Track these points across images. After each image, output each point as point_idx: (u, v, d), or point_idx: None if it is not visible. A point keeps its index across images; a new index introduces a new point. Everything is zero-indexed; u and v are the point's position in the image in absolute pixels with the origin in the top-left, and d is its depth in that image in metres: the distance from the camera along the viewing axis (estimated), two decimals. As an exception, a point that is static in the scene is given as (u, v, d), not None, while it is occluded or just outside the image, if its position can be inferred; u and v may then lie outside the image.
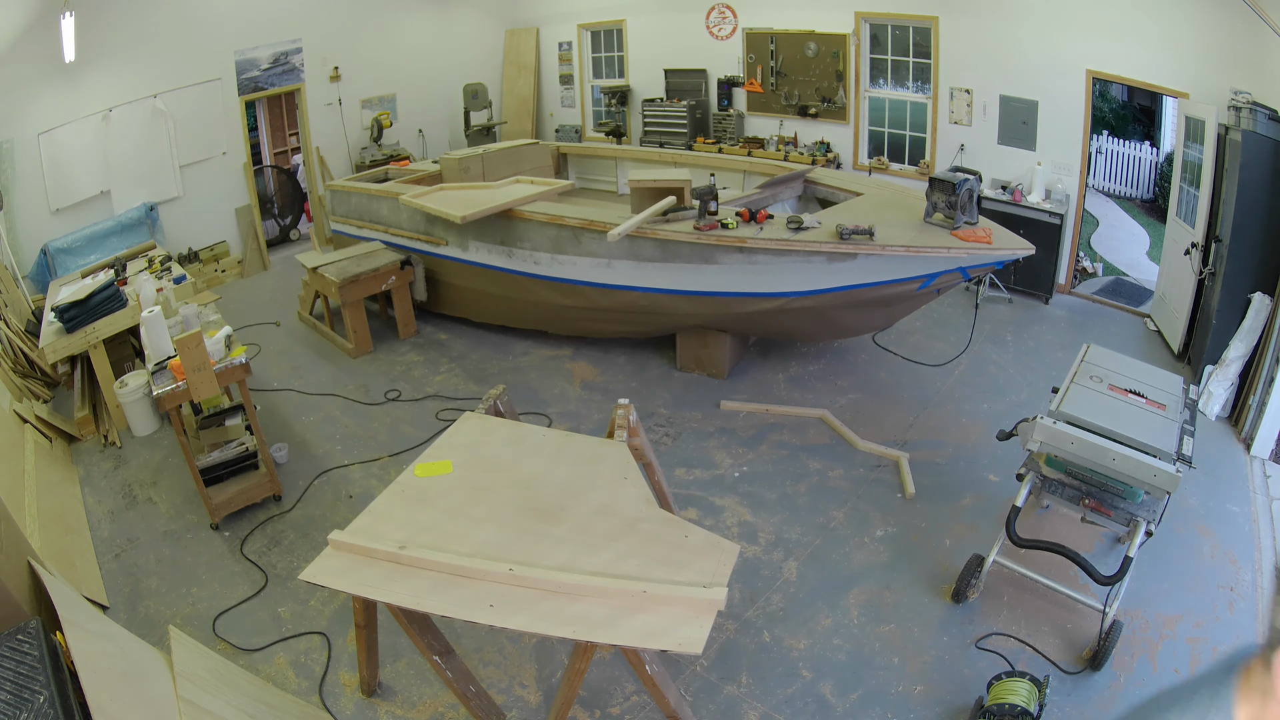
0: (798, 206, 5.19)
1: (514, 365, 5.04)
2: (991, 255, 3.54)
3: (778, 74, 6.99)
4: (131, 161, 6.17)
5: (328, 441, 4.26)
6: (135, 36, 5.93)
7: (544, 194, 4.87)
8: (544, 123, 9.29)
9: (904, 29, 6.23)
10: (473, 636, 2.88)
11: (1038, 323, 5.37)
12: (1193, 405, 2.84)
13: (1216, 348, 4.20)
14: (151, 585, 3.25)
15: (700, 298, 4.22)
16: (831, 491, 3.65)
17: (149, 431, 4.43)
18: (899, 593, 3.04)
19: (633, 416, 2.58)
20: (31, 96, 5.48)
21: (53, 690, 1.72)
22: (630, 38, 8.18)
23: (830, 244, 3.65)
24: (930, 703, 2.55)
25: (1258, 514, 3.41)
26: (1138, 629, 2.79)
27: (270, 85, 7.06)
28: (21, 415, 4.13)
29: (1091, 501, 2.66)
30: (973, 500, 3.55)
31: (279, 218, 7.88)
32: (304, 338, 5.69)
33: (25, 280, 5.60)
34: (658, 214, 4.13)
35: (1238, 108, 4.14)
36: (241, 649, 2.88)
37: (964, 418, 4.22)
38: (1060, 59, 5.26)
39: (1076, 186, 5.50)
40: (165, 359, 3.46)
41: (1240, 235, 4.10)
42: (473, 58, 8.89)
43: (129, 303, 4.44)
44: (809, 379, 4.69)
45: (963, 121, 5.96)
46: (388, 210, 5.53)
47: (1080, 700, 2.53)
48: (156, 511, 3.76)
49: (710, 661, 2.75)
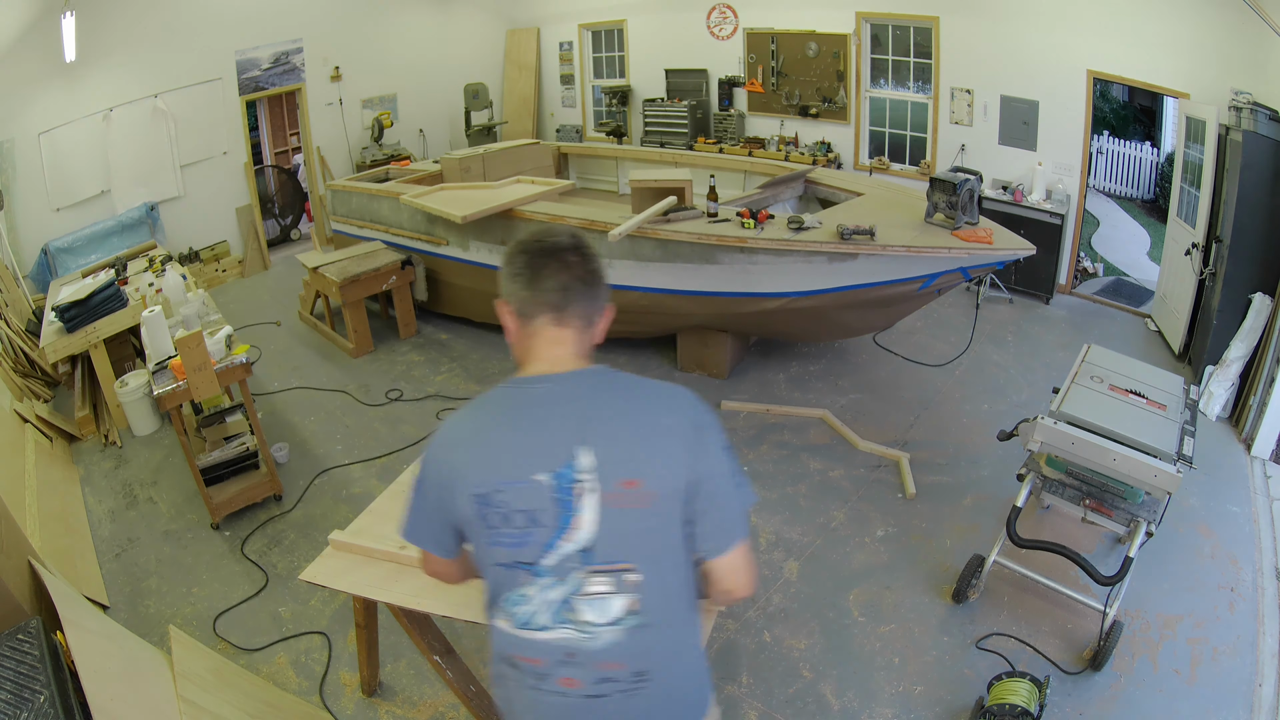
0: (798, 206, 5.19)
1: (514, 365, 5.03)
2: (992, 255, 3.54)
3: (778, 74, 6.99)
4: (132, 161, 6.17)
5: (328, 441, 4.26)
6: (135, 36, 5.93)
7: (545, 194, 4.87)
8: (545, 123, 9.29)
9: (905, 29, 6.23)
10: (473, 636, 2.88)
11: (1038, 323, 5.37)
12: (1193, 405, 2.84)
13: (1217, 348, 4.20)
14: (152, 585, 3.25)
15: (701, 298, 4.22)
16: (832, 491, 3.65)
17: (149, 431, 4.43)
18: (899, 593, 3.04)
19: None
20: (32, 96, 5.48)
21: (53, 690, 1.72)
22: (631, 38, 8.18)
23: (831, 244, 3.65)
24: (930, 703, 2.55)
25: (1258, 514, 3.41)
26: (1138, 629, 2.79)
27: (271, 85, 7.06)
28: (22, 415, 4.13)
29: (1092, 502, 2.66)
30: (973, 500, 3.55)
31: (280, 217, 7.88)
32: (305, 337, 5.69)
33: (26, 280, 5.61)
34: (658, 214, 4.13)
35: (1238, 108, 4.13)
36: (242, 649, 2.88)
37: (965, 418, 4.22)
38: (1061, 59, 5.26)
39: (1077, 187, 5.50)
40: (166, 359, 3.46)
41: (1241, 236, 4.10)
42: (473, 57, 8.89)
43: (129, 302, 4.45)
44: (809, 379, 4.69)
45: (963, 122, 5.96)
46: (388, 210, 5.53)
47: (1081, 700, 2.53)
48: (157, 511, 3.76)
49: (710, 661, 2.74)
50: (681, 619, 1.31)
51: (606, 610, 1.22)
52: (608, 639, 1.23)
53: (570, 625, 1.23)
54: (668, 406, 1.26)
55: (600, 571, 1.21)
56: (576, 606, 1.22)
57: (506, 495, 1.20)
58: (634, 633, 1.24)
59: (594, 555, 1.20)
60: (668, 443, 1.22)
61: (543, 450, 1.20)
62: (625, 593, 1.22)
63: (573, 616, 1.22)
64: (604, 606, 1.22)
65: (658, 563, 1.24)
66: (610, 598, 1.22)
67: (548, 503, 1.19)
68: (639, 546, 1.22)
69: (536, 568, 1.22)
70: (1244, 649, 2.71)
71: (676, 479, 1.21)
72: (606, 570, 1.21)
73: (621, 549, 1.21)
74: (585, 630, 1.23)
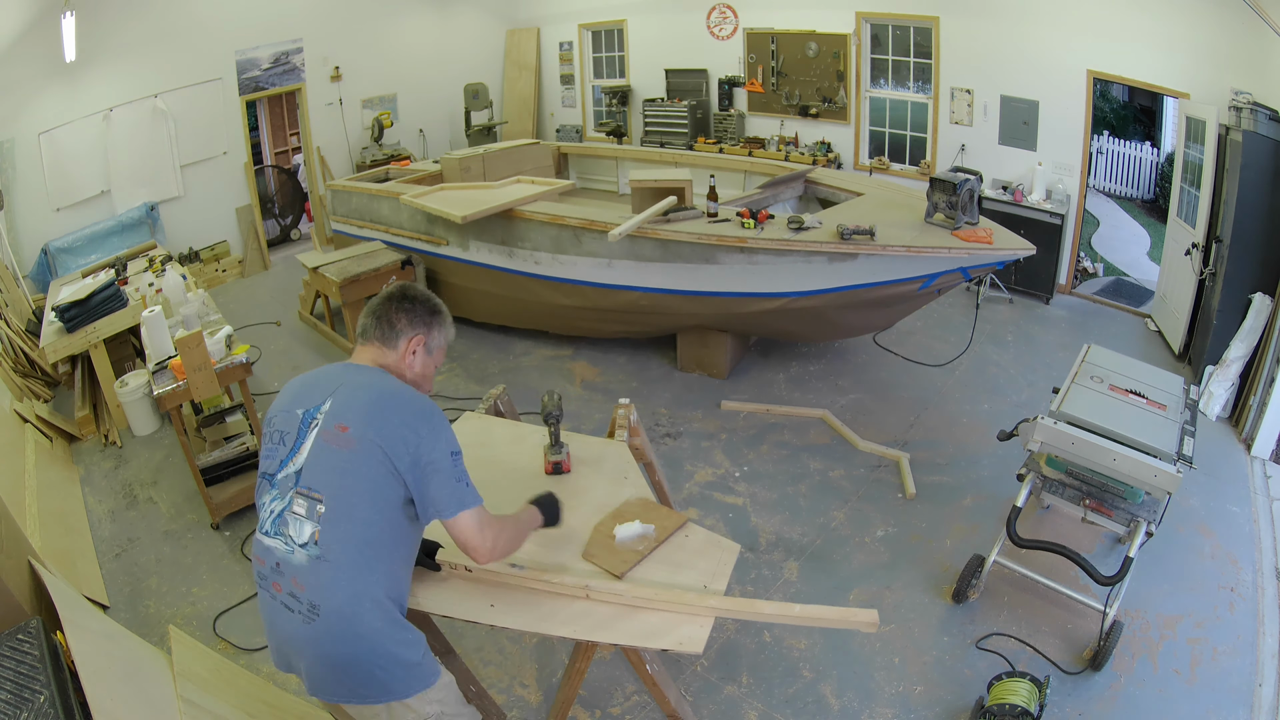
0: (798, 206, 5.19)
1: (514, 365, 5.04)
2: (992, 255, 3.54)
3: (778, 74, 6.99)
4: (132, 161, 6.16)
5: (328, 441, 4.26)
6: (135, 36, 5.93)
7: (545, 194, 4.87)
8: (545, 123, 9.29)
9: (905, 29, 6.23)
10: (473, 636, 2.88)
11: (1038, 323, 5.37)
12: (1193, 406, 2.84)
13: (1217, 348, 4.20)
14: (152, 585, 3.25)
15: (701, 298, 4.22)
16: (832, 491, 3.65)
17: (149, 431, 4.43)
18: (899, 593, 3.04)
19: (633, 416, 2.57)
20: (32, 96, 5.48)
21: (53, 690, 1.72)
22: (631, 38, 8.18)
23: (831, 244, 3.65)
24: (930, 703, 2.55)
25: (1258, 514, 3.41)
26: (1138, 629, 2.79)
27: (271, 85, 7.06)
28: (22, 415, 4.13)
29: (1092, 502, 2.66)
30: (973, 500, 3.55)
31: (280, 217, 7.88)
32: (305, 337, 5.69)
33: (26, 280, 5.61)
34: (658, 214, 4.13)
35: (1238, 108, 4.14)
36: (242, 649, 2.88)
37: (964, 418, 4.22)
38: (1061, 59, 5.26)
39: (1077, 187, 5.50)
40: (166, 358, 3.46)
41: (1241, 235, 4.10)
42: (473, 57, 8.89)
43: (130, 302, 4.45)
44: (809, 379, 4.69)
45: (963, 122, 5.96)
46: (388, 210, 5.53)
47: (1081, 700, 2.53)
48: (157, 511, 3.76)
49: (710, 661, 2.75)
50: (358, 569, 1.49)
51: (301, 531, 1.49)
52: (299, 559, 1.49)
53: (281, 537, 1.51)
54: (412, 402, 1.58)
55: (303, 495, 1.50)
56: (287, 520, 1.51)
57: (276, 420, 1.60)
58: (315, 563, 1.48)
59: (302, 478, 1.51)
60: (390, 416, 1.52)
61: (308, 395, 1.60)
62: (313, 521, 1.48)
63: (283, 530, 1.51)
64: (300, 527, 1.49)
65: (346, 504, 1.49)
66: (304, 521, 1.49)
67: (293, 429, 1.55)
68: (332, 481, 1.50)
69: (273, 479, 1.55)
70: (1244, 649, 2.71)
71: (385, 440, 1.49)
72: (307, 495, 1.50)
73: (320, 479, 1.50)
74: (288, 544, 1.50)
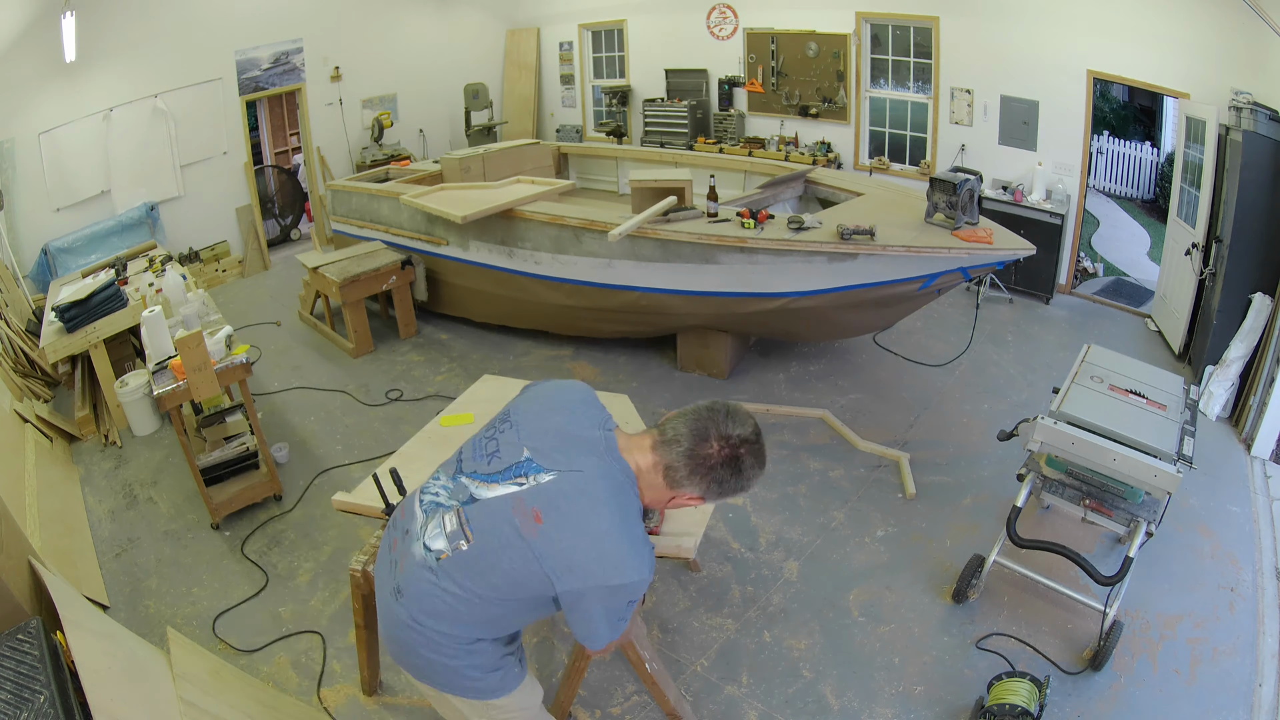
0: (798, 206, 5.19)
1: (515, 365, 5.04)
2: (992, 255, 3.54)
3: (778, 74, 6.99)
4: (132, 161, 6.16)
5: (328, 441, 4.26)
6: (135, 36, 5.93)
7: (545, 194, 4.87)
8: (545, 123, 9.29)
9: (905, 29, 6.23)
10: (473, 636, 2.88)
11: (1038, 323, 5.37)
12: (1193, 406, 2.84)
13: (1217, 348, 4.20)
14: (152, 585, 3.25)
15: (701, 298, 4.22)
16: (832, 491, 3.65)
17: (149, 431, 4.43)
18: (899, 593, 3.04)
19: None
20: (32, 96, 5.48)
21: (53, 690, 1.72)
22: (631, 38, 8.18)
23: (831, 244, 3.65)
24: (930, 703, 2.55)
25: (1258, 514, 3.41)
26: (1138, 629, 2.79)
27: (271, 85, 7.05)
28: (22, 415, 4.13)
29: (1092, 502, 2.66)
30: (973, 500, 3.55)
31: (280, 217, 7.88)
32: (305, 337, 5.69)
33: (26, 280, 5.60)
34: (658, 214, 4.13)
35: (1238, 108, 4.14)
36: (241, 650, 2.88)
37: (964, 418, 4.22)
38: (1061, 59, 5.26)
39: (1077, 187, 5.50)
40: (166, 359, 3.46)
41: (1241, 235, 4.10)
42: (473, 57, 8.89)
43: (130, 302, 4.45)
44: (809, 379, 4.69)
45: (963, 122, 5.96)
46: (388, 210, 5.53)
47: (1081, 700, 2.53)
48: (157, 511, 3.76)
49: (710, 661, 2.75)
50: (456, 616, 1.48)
51: (435, 540, 1.48)
52: (418, 552, 1.49)
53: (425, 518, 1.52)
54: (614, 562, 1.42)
55: (461, 520, 1.47)
56: (437, 517, 1.50)
57: (504, 436, 1.55)
58: (423, 570, 1.48)
59: (472, 510, 1.47)
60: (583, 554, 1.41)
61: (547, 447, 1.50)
62: (450, 546, 1.45)
63: (431, 516, 1.51)
64: (437, 536, 1.48)
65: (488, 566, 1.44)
66: (443, 537, 1.47)
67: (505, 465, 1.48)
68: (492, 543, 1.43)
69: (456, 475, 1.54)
70: (1244, 649, 2.71)
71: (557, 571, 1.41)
72: (463, 524, 1.46)
73: (484, 526, 1.44)
74: (422, 531, 1.51)
